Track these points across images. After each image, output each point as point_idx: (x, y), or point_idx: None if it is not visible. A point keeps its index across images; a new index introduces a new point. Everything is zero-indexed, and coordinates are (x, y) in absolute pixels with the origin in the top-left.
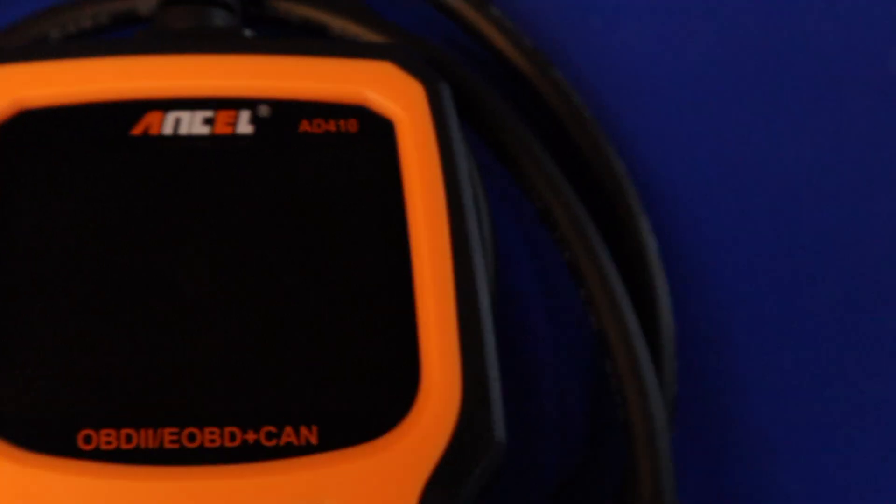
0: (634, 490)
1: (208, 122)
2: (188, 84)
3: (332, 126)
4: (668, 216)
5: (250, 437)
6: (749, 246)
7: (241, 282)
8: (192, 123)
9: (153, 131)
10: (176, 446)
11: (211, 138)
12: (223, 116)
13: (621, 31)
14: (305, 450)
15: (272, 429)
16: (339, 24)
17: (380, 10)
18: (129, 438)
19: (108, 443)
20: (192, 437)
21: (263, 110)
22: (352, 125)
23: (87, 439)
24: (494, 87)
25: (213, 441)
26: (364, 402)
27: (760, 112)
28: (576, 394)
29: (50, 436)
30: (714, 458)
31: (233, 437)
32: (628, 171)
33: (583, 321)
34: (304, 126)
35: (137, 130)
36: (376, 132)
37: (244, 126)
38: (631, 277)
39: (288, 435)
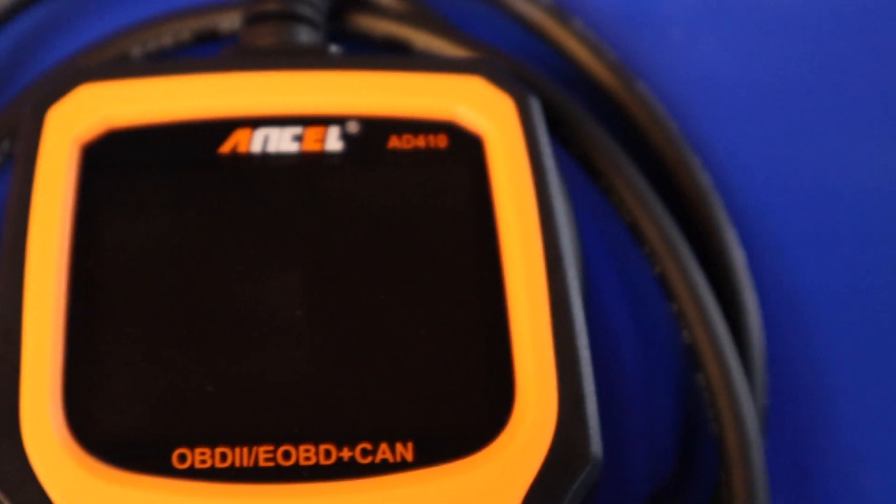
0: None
1: (297, 139)
2: (276, 101)
3: (421, 142)
4: (754, 229)
5: (345, 454)
6: (835, 257)
7: (334, 300)
8: (281, 141)
9: (241, 149)
10: (271, 464)
11: (300, 156)
12: (312, 133)
13: (702, 44)
14: (401, 466)
15: (367, 445)
16: (422, 40)
17: (461, 25)
18: (223, 457)
19: (203, 461)
20: (287, 455)
21: (352, 127)
22: (441, 141)
23: (182, 458)
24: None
25: (308, 458)
26: (459, 419)
27: (843, 123)
28: (665, 408)
29: (145, 455)
30: (803, 471)
31: (328, 454)
32: (713, 183)
33: (670, 336)
34: (394, 142)
35: (226, 149)
36: (466, 148)
37: (333, 143)
38: (719, 290)
39: (383, 452)
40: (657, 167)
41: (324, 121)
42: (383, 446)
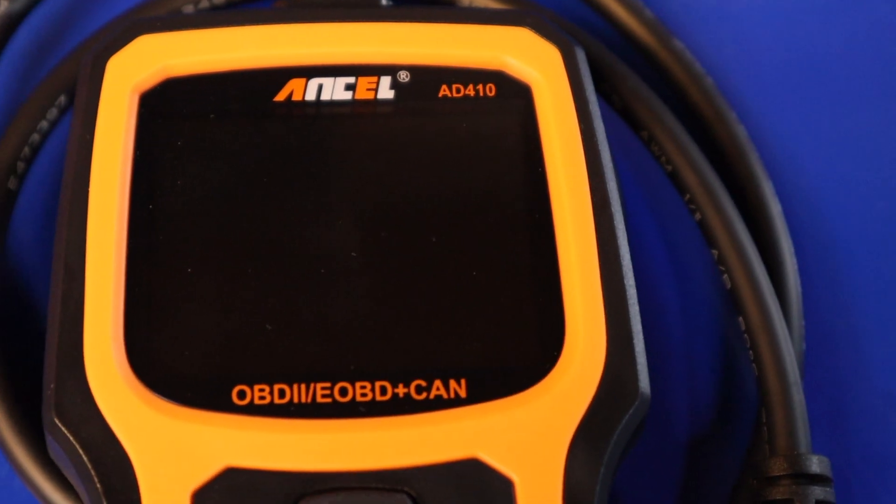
0: (771, 442)
1: (350, 87)
2: (329, 51)
3: (470, 91)
4: (789, 181)
5: (400, 390)
6: (868, 206)
7: (389, 243)
8: (335, 89)
9: (296, 97)
10: (328, 400)
11: (353, 103)
12: (364, 82)
13: (738, 3)
14: (455, 403)
15: (422, 382)
16: None
17: None
18: (282, 393)
19: (262, 398)
20: (343, 392)
21: (403, 76)
22: (490, 90)
23: (242, 394)
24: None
25: (364, 395)
26: (510, 356)
27: (873, 80)
28: (704, 352)
29: (205, 391)
30: (839, 413)
31: (383, 390)
32: (748, 134)
33: (709, 281)
34: (444, 91)
35: (281, 97)
36: (514, 96)
37: (385, 91)
38: (756, 239)
39: (437, 388)
40: (694, 122)
41: (376, 70)
42: (437, 383)
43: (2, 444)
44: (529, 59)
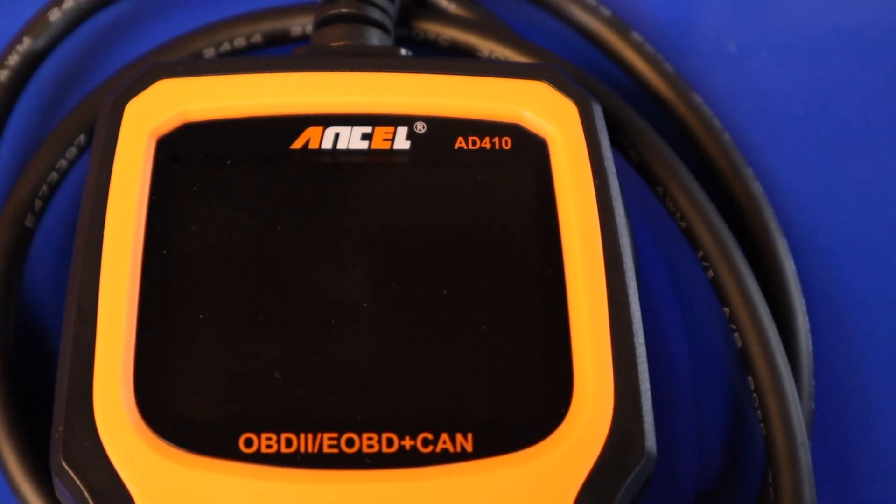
0: (776, 501)
1: (366, 137)
2: (347, 100)
3: (486, 143)
4: (803, 239)
5: (407, 443)
6: (881, 268)
7: (399, 293)
8: (351, 138)
9: (313, 145)
10: (335, 451)
11: (369, 153)
12: (381, 132)
13: (756, 58)
14: (461, 457)
15: (428, 435)
16: (487, 47)
17: (523, 34)
18: (289, 443)
19: (269, 447)
20: (350, 443)
21: (420, 126)
22: (506, 143)
23: (249, 443)
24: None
25: (370, 447)
26: (518, 412)
27: (891, 139)
28: (713, 410)
29: (212, 439)
30: (847, 474)
31: (390, 442)
32: (764, 191)
33: (720, 340)
34: (460, 143)
35: (297, 145)
36: (530, 150)
37: (401, 142)
38: (769, 297)
39: (444, 442)
40: (711, 177)
41: (393, 120)
42: (444, 436)
43: (11, 483)
44: (546, 113)
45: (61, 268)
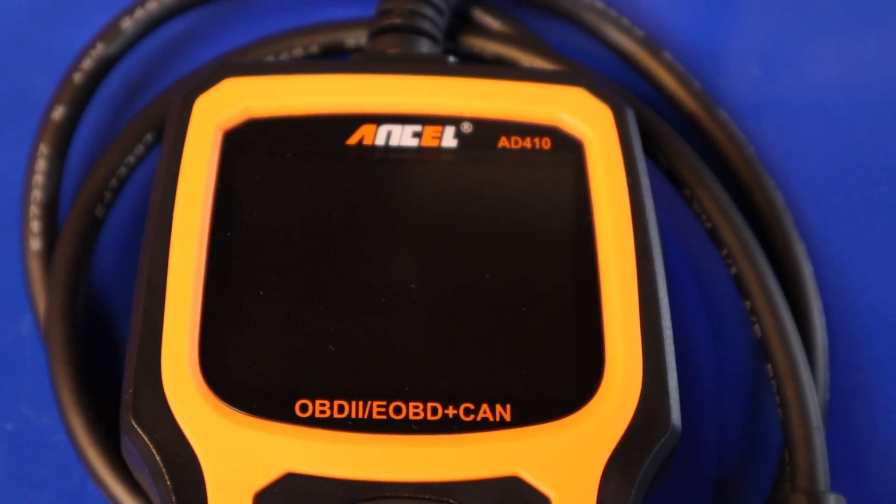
0: (793, 480)
1: (416, 135)
2: (399, 101)
3: (527, 143)
4: (820, 245)
5: (450, 411)
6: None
7: (446, 277)
8: (403, 136)
9: (367, 142)
10: (383, 417)
11: (419, 150)
12: (430, 131)
13: (778, 79)
14: (499, 425)
15: (470, 405)
16: (528, 61)
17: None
18: (340, 409)
19: (322, 412)
20: (397, 410)
21: (466, 127)
22: (546, 143)
23: (304, 408)
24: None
25: (416, 414)
26: (553, 385)
27: None
28: (734, 398)
29: (270, 403)
30: (857, 465)
31: (434, 411)
32: (784, 201)
33: (741, 332)
34: (503, 142)
35: (353, 140)
36: (568, 150)
37: (449, 140)
38: (788, 297)
39: (484, 412)
40: (735, 186)
41: (441, 121)
42: (484, 406)
43: (79, 450)
44: (583, 116)
45: (127, 255)
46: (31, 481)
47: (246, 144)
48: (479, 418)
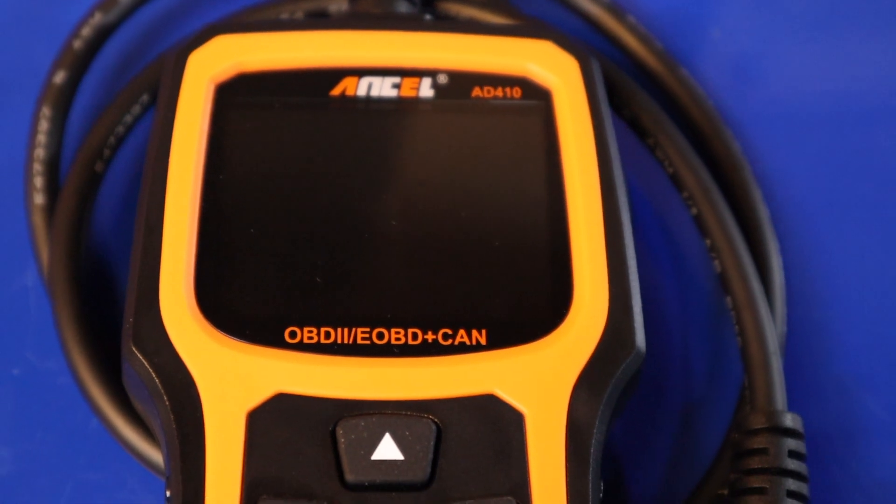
0: (752, 401)
1: (396, 86)
2: (379, 55)
3: (499, 92)
4: (777, 190)
5: (430, 336)
6: (848, 217)
7: (424, 216)
8: (382, 87)
9: (349, 93)
10: (367, 342)
11: (398, 100)
12: (408, 82)
13: (737, 40)
14: (476, 348)
15: (448, 330)
16: (499, 22)
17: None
18: (327, 335)
19: (310, 338)
20: (380, 336)
21: (442, 78)
22: (516, 92)
23: (293, 334)
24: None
25: (398, 339)
26: (526, 311)
27: (863, 106)
28: (697, 329)
29: (262, 330)
30: (814, 392)
31: (415, 336)
32: (742, 150)
33: (702, 269)
34: (476, 92)
35: (336, 92)
36: (537, 98)
37: (426, 91)
38: (747, 239)
39: (461, 336)
40: (696, 138)
41: (418, 73)
42: (461, 331)
43: (83, 386)
44: (551, 67)
45: (125, 208)
46: (38, 421)
47: (237, 96)
48: (456, 342)
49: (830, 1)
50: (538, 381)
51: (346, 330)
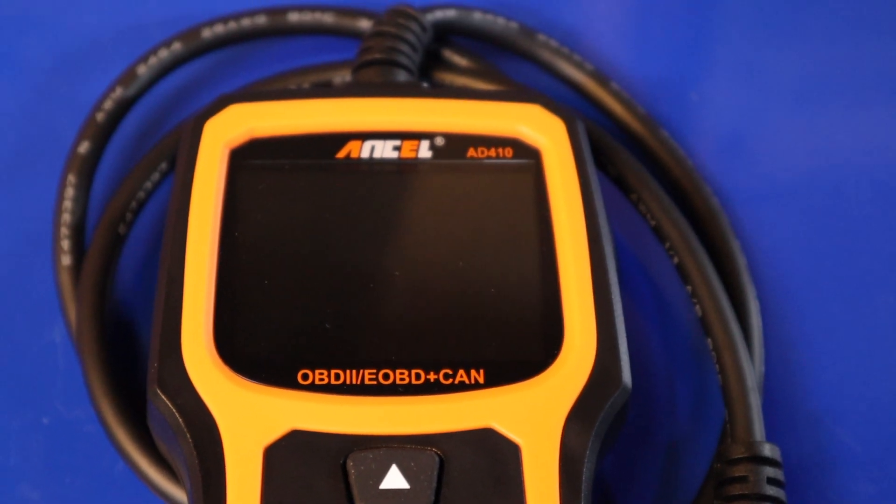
0: (732, 433)
1: (396, 149)
2: (381, 120)
3: (492, 153)
4: (754, 241)
5: (432, 376)
6: (820, 261)
7: (426, 266)
8: (384, 150)
9: (354, 155)
10: (374, 382)
11: (398, 161)
12: (408, 145)
13: (714, 104)
14: (474, 386)
15: (449, 370)
16: (491, 88)
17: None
18: (337, 376)
19: (321, 379)
20: (386, 376)
21: (439, 140)
22: (508, 152)
23: (305, 376)
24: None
25: (402, 379)
26: (520, 352)
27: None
28: (680, 370)
29: (276, 373)
30: (791, 426)
31: (418, 376)
32: (720, 205)
33: (685, 313)
34: (471, 152)
35: (341, 154)
36: (527, 158)
37: (424, 152)
38: (726, 286)
39: (461, 375)
40: (677, 194)
41: (417, 136)
42: (461, 371)
43: (109, 432)
44: (540, 129)
45: (146, 268)
46: (67, 465)
47: (250, 160)
48: (456, 381)
49: (805, 67)
50: (533, 415)
51: (354, 371)
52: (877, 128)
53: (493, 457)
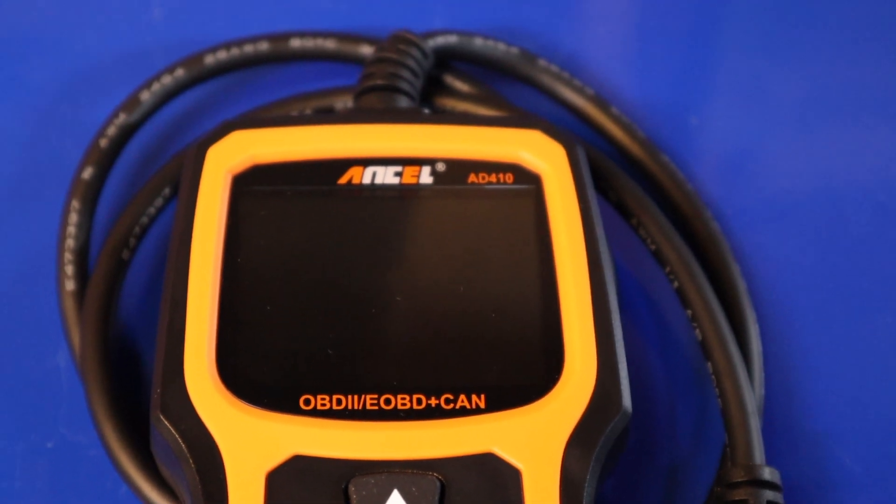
0: (732, 457)
1: (398, 174)
2: (382, 146)
3: (493, 178)
4: (754, 265)
5: (433, 401)
6: (820, 288)
7: (427, 291)
8: (386, 175)
9: (355, 181)
10: (375, 408)
11: (400, 187)
12: (409, 171)
13: (713, 128)
14: (475, 411)
15: (450, 395)
16: (491, 114)
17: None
18: (339, 402)
19: (323, 405)
20: (387, 402)
21: (440, 166)
22: (508, 178)
23: (307, 402)
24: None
25: (404, 404)
26: (521, 377)
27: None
28: (681, 394)
29: (278, 399)
30: (791, 449)
31: (419, 401)
32: (720, 229)
33: (685, 337)
34: (472, 178)
35: (343, 180)
36: (528, 183)
37: (426, 178)
38: (726, 310)
39: (462, 400)
40: (677, 218)
41: (418, 161)
42: (462, 396)
43: (112, 456)
44: (540, 154)
45: (149, 293)
46: (70, 490)
47: (252, 186)
48: (457, 406)
49: (804, 90)
50: (533, 439)
51: (355, 397)
52: (877, 151)
53: (494, 481)
